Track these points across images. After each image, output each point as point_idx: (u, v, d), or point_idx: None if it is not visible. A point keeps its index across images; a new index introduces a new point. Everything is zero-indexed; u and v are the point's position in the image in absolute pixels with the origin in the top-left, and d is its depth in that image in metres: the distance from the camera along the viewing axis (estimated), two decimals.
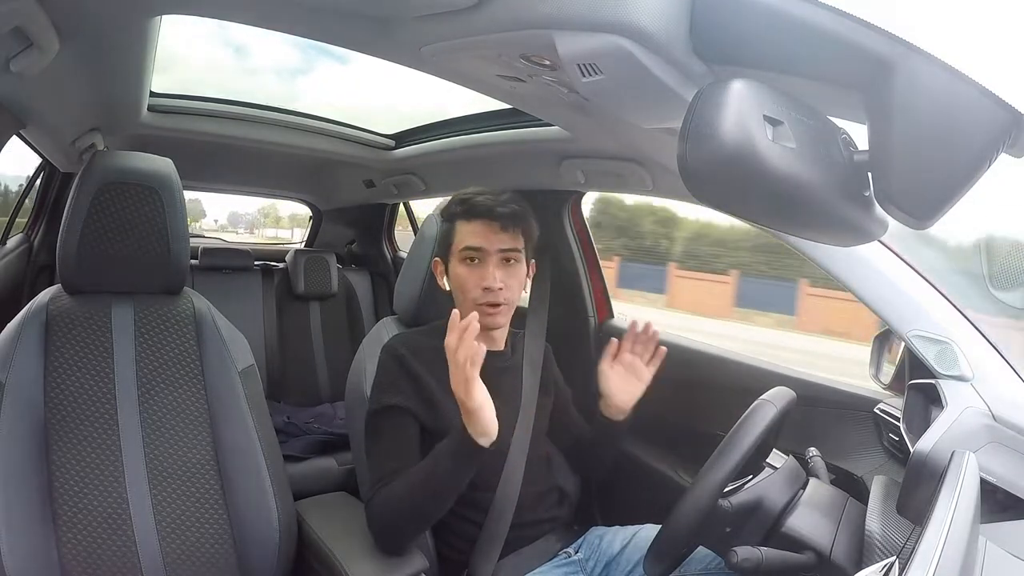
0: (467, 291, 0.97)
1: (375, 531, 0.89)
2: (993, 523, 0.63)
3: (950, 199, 0.45)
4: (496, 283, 0.95)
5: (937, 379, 0.86)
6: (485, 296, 0.96)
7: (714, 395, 1.27)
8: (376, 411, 0.94)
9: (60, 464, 0.86)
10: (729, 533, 0.77)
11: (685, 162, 0.44)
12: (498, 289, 0.96)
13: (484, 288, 0.96)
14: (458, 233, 0.99)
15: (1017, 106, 0.41)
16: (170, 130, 1.53)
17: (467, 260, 0.97)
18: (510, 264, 0.98)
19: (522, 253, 1.00)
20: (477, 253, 0.97)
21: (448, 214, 1.02)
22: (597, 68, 0.60)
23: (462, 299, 0.98)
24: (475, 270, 0.97)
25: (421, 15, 0.69)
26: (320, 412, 1.97)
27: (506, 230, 0.97)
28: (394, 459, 0.90)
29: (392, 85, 11.91)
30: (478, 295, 0.96)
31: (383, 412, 0.93)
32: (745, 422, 0.77)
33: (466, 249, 0.97)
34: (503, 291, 0.96)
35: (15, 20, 0.71)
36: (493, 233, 0.96)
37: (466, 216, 0.98)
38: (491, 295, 0.96)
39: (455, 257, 0.99)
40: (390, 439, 0.92)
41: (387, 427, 0.93)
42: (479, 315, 0.97)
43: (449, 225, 1.01)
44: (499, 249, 0.97)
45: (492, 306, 0.96)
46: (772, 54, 0.53)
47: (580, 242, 1.58)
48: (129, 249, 0.94)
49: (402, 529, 0.88)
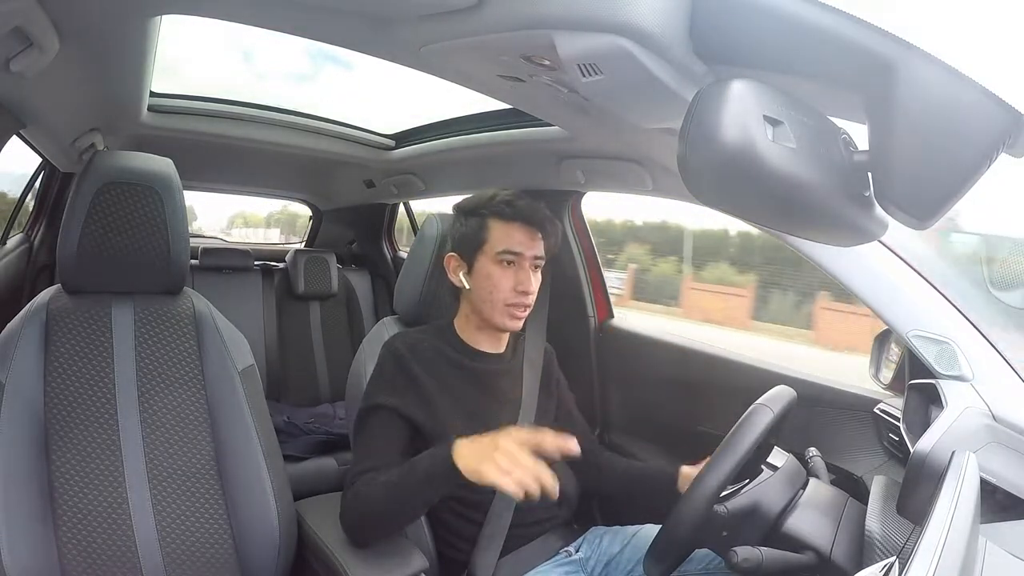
0: (499, 292, 0.97)
1: (345, 524, 0.89)
2: (993, 523, 0.63)
3: (950, 199, 0.45)
4: (532, 287, 0.97)
5: (937, 379, 0.86)
6: (517, 298, 0.96)
7: (714, 395, 1.27)
8: (368, 407, 0.94)
9: (60, 464, 0.86)
10: (727, 536, 0.77)
11: (685, 162, 0.44)
12: (532, 293, 0.97)
13: (521, 291, 0.96)
14: (493, 232, 0.97)
15: (1017, 106, 0.41)
16: (170, 130, 1.53)
17: (503, 263, 0.97)
18: (537, 271, 1.00)
19: (544, 262, 1.01)
20: (515, 257, 0.97)
21: (478, 211, 0.99)
22: (597, 68, 0.60)
23: (490, 299, 0.97)
24: (510, 272, 0.97)
25: (421, 15, 0.69)
26: (320, 412, 1.97)
27: (543, 237, 0.98)
28: (374, 458, 0.90)
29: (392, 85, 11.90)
30: (509, 296, 0.96)
31: (374, 410, 0.94)
32: (741, 427, 0.76)
33: (505, 252, 0.96)
34: (531, 296, 0.98)
35: (15, 20, 0.71)
36: (532, 239, 0.97)
37: (506, 217, 0.97)
38: (524, 298, 0.97)
39: (487, 256, 0.97)
40: (375, 437, 0.93)
41: (375, 425, 0.93)
42: (506, 317, 0.98)
43: (480, 221, 0.98)
44: (534, 256, 0.98)
45: (523, 308, 0.97)
46: (772, 54, 0.53)
47: (580, 242, 1.58)
48: (129, 249, 0.94)
49: (372, 527, 0.88)
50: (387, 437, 0.93)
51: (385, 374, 0.96)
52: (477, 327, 1.02)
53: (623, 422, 1.51)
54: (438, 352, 1.00)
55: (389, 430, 0.93)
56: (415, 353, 0.98)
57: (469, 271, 1.00)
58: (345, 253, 2.62)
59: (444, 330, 1.04)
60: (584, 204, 1.58)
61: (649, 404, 1.44)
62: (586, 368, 1.55)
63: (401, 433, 0.93)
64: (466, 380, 0.99)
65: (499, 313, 0.97)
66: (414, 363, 0.96)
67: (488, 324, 1.00)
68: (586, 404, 1.41)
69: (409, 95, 1.61)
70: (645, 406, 1.46)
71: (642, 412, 1.47)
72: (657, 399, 1.41)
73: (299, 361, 2.12)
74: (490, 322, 0.99)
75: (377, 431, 0.93)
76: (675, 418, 1.35)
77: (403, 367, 0.96)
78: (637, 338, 1.50)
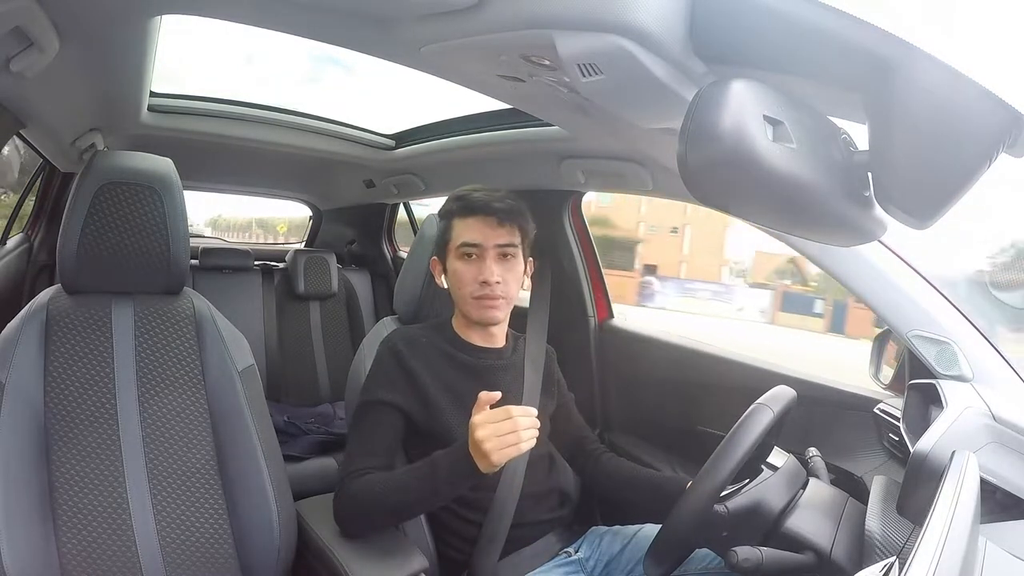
0: (464, 286, 0.97)
1: (343, 517, 0.90)
2: (993, 523, 0.63)
3: (950, 199, 0.45)
4: (494, 277, 0.96)
5: (937, 379, 0.86)
6: (482, 290, 0.96)
7: (714, 395, 1.27)
8: (366, 402, 0.95)
9: (60, 464, 0.86)
10: (727, 537, 0.77)
11: (685, 162, 0.44)
12: (495, 283, 0.96)
13: (481, 282, 0.96)
14: (455, 230, 0.99)
15: (1017, 106, 0.41)
16: (170, 130, 1.53)
17: (464, 256, 0.97)
18: (507, 260, 0.98)
19: (519, 248, 1.00)
20: (474, 249, 0.97)
21: (444, 212, 1.02)
22: (597, 68, 0.60)
23: (459, 295, 0.99)
24: (472, 265, 0.97)
25: (421, 15, 0.69)
26: (320, 412, 1.97)
27: (503, 225, 0.97)
28: (372, 454, 0.91)
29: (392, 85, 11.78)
30: (475, 289, 0.96)
31: (372, 405, 0.94)
32: (741, 427, 0.77)
33: (463, 245, 0.97)
34: (500, 285, 0.96)
35: (15, 20, 0.71)
36: (490, 228, 0.97)
37: (463, 213, 0.98)
38: (488, 288, 0.96)
39: (452, 254, 0.99)
40: (372, 433, 0.93)
41: (372, 421, 0.94)
42: (476, 309, 0.98)
43: (446, 223, 1.01)
44: (496, 244, 0.97)
45: (490, 299, 0.97)
46: (772, 54, 0.53)
47: (580, 242, 1.58)
48: (129, 249, 0.94)
49: (373, 521, 0.89)
50: (385, 433, 0.93)
51: (383, 370, 0.97)
52: (467, 324, 1.03)
53: (623, 422, 1.51)
54: (436, 348, 1.00)
55: (387, 427, 0.94)
56: (413, 349, 0.98)
57: (445, 271, 1.02)
58: (345, 253, 2.63)
59: (442, 327, 1.05)
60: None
61: (649, 404, 1.44)
62: (586, 368, 1.54)
63: (397, 429, 0.94)
64: (464, 375, 0.99)
65: (470, 306, 0.98)
66: (412, 359, 0.97)
67: (469, 319, 1.01)
68: (586, 404, 1.40)
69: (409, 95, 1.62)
70: (645, 406, 1.46)
71: (642, 412, 1.47)
72: (657, 399, 1.41)
73: (299, 361, 2.12)
74: (468, 317, 1.00)
75: (375, 427, 0.93)
76: (675, 418, 1.35)
77: (401, 363, 0.96)
78: (637, 338, 1.50)
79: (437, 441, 0.89)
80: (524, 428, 0.76)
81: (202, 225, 4.89)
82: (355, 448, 0.93)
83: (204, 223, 6.49)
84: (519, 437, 0.76)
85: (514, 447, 0.76)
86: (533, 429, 0.78)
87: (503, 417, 0.76)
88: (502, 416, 0.76)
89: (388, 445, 0.93)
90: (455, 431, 0.91)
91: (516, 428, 0.76)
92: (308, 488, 1.39)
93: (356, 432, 0.95)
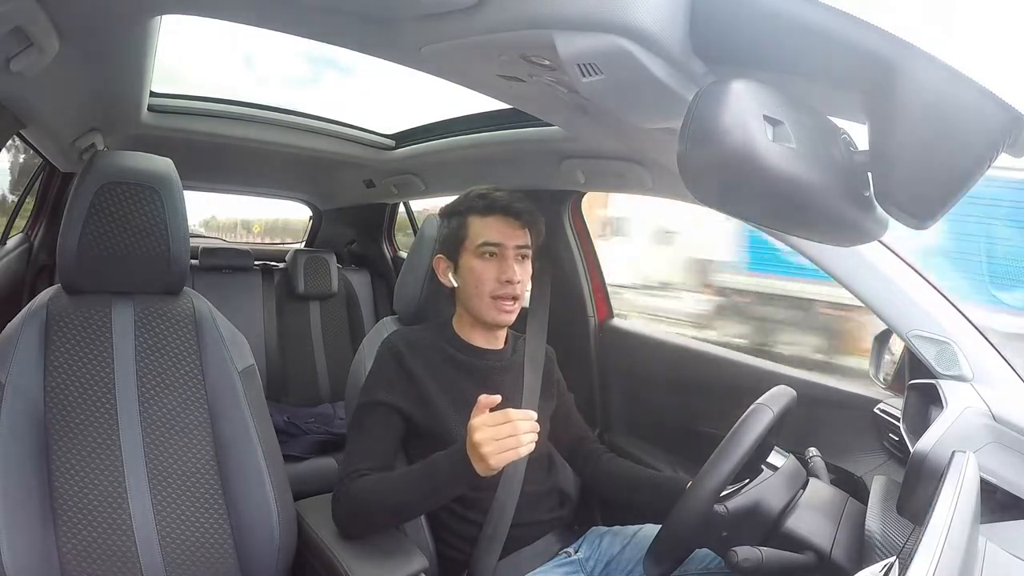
0: (484, 284, 0.97)
1: (341, 517, 0.90)
2: (993, 523, 0.63)
3: (950, 199, 0.45)
4: (516, 276, 0.96)
5: (937, 379, 0.86)
6: (503, 288, 0.96)
7: (714, 395, 1.27)
8: (366, 403, 0.95)
9: (60, 464, 0.86)
10: (727, 537, 0.77)
11: (685, 162, 0.44)
12: (517, 282, 0.96)
13: (504, 281, 0.96)
14: (472, 227, 0.98)
15: (1017, 106, 0.41)
16: (170, 130, 1.53)
17: (484, 255, 0.97)
18: (524, 261, 0.99)
19: (530, 251, 1.00)
20: (496, 248, 0.97)
21: (460, 209, 1.01)
22: (597, 68, 0.60)
23: (476, 294, 0.98)
24: (492, 264, 0.97)
25: (421, 15, 0.69)
26: (320, 412, 1.97)
27: (523, 227, 0.98)
28: (372, 455, 0.91)
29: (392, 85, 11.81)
30: (495, 288, 0.96)
31: (371, 406, 0.94)
32: (741, 427, 0.77)
33: (484, 244, 0.97)
34: (519, 285, 0.97)
35: (15, 20, 0.71)
36: (511, 229, 0.97)
37: (483, 211, 0.98)
38: (510, 288, 0.96)
39: (469, 252, 0.98)
40: (372, 435, 0.93)
41: (372, 422, 0.94)
42: (494, 310, 0.97)
43: (460, 220, 1.00)
44: (516, 245, 0.98)
45: (511, 299, 0.97)
46: (772, 54, 0.52)
47: (580, 242, 1.58)
48: (129, 249, 0.94)
49: (371, 522, 0.90)
50: (385, 435, 0.93)
51: (383, 370, 0.97)
52: (471, 325, 1.03)
53: (623, 422, 1.51)
54: (436, 349, 1.00)
55: (387, 428, 0.94)
56: (413, 350, 0.98)
57: (456, 270, 1.01)
58: (345, 253, 2.63)
59: (442, 328, 1.05)
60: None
61: (649, 404, 1.44)
62: (586, 368, 1.54)
63: (397, 430, 0.94)
64: (464, 376, 0.99)
65: (487, 307, 0.98)
66: (412, 360, 0.96)
67: (479, 320, 1.00)
68: (586, 404, 1.40)
69: (409, 95, 1.62)
70: (645, 406, 1.46)
71: (642, 412, 1.47)
72: (657, 399, 1.41)
73: (299, 361, 2.12)
74: (480, 318, 1.00)
75: (375, 428, 0.93)
76: (675, 418, 1.35)
77: (401, 364, 0.96)
78: (637, 338, 1.50)
79: (437, 442, 0.89)
80: (523, 432, 0.76)
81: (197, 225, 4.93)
82: (354, 449, 0.93)
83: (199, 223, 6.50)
84: (518, 441, 0.75)
85: (513, 451, 0.75)
86: (532, 433, 0.77)
87: (502, 420, 0.76)
88: (501, 419, 0.76)
89: (388, 446, 0.93)
90: (455, 432, 0.91)
91: (515, 432, 0.75)
92: (308, 488, 1.40)
93: (356, 433, 0.95)
